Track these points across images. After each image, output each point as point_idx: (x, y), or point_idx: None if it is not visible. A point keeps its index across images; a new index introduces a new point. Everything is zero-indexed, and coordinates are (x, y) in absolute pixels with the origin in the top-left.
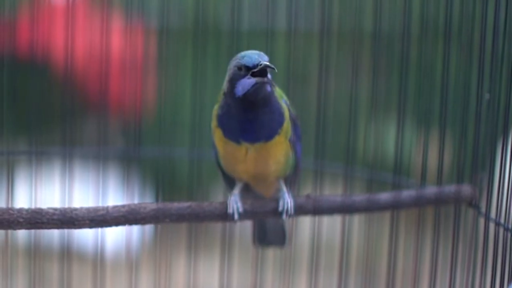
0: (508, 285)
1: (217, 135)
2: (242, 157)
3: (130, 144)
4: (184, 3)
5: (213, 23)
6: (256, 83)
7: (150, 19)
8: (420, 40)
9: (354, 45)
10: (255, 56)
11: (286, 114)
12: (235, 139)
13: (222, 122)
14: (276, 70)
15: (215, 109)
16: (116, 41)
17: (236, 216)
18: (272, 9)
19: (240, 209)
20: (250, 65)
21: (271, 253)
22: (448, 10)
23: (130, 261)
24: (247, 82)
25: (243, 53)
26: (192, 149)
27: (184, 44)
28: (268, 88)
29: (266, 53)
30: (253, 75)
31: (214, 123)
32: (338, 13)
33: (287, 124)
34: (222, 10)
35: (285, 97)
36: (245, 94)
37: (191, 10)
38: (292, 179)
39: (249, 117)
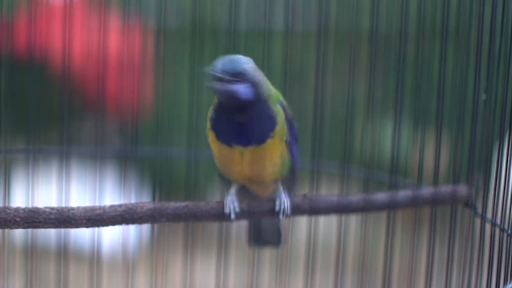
0: (504, 285)
1: (210, 138)
2: (237, 160)
3: (127, 144)
4: (182, 3)
5: (210, 23)
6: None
7: (148, 18)
8: (417, 40)
9: (351, 45)
10: (217, 62)
11: (280, 117)
12: (227, 142)
13: (214, 125)
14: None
15: (210, 111)
16: (114, 40)
17: (232, 216)
18: (269, 9)
19: (237, 209)
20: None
21: (268, 253)
22: (445, 9)
23: (127, 261)
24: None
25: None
26: (189, 148)
27: (181, 43)
28: (240, 95)
29: (264, 53)
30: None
31: (208, 125)
32: (336, 13)
33: (280, 127)
34: (219, 10)
35: (281, 98)
36: (220, 100)
37: (188, 10)
38: (290, 182)
39: (234, 121)
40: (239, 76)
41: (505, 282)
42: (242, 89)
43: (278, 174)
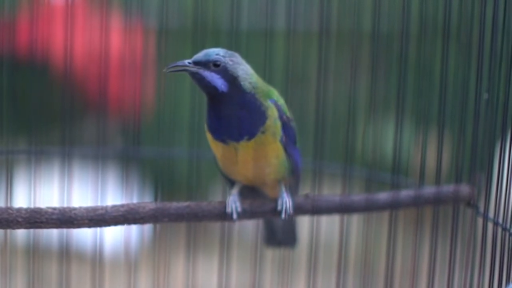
0: (506, 285)
1: (209, 138)
2: (233, 158)
3: (129, 144)
4: (184, 3)
5: (212, 23)
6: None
7: (149, 19)
8: (419, 39)
9: (353, 45)
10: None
11: (271, 113)
12: (221, 139)
13: (208, 123)
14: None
15: (205, 112)
16: (116, 41)
17: (235, 216)
18: (271, 9)
19: (239, 209)
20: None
21: (270, 253)
22: (447, 9)
23: (129, 261)
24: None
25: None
26: (191, 149)
27: (183, 44)
28: (211, 82)
29: (265, 53)
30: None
31: (205, 126)
32: (337, 13)
33: (272, 123)
34: (221, 10)
35: (276, 97)
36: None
37: (190, 10)
38: (292, 183)
39: (223, 115)
40: (206, 64)
41: (507, 282)
42: (212, 77)
43: (277, 175)
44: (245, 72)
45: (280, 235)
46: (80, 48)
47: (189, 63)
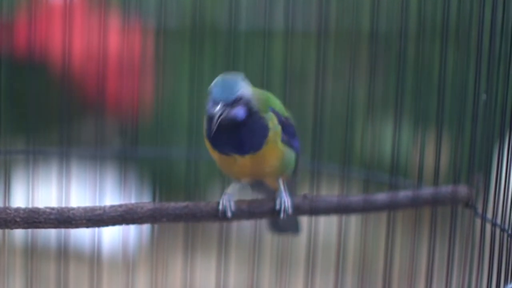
0: (504, 285)
1: (208, 145)
2: (233, 165)
3: (127, 144)
4: (182, 3)
5: (210, 23)
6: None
7: (148, 19)
8: (418, 40)
9: (352, 45)
10: (218, 95)
11: (272, 123)
12: (224, 152)
13: (209, 136)
14: (215, 126)
15: (204, 119)
16: (114, 41)
17: (229, 214)
18: (269, 9)
19: (232, 208)
20: (211, 102)
21: (268, 253)
22: (445, 9)
23: (127, 261)
24: (210, 121)
25: (217, 80)
26: (189, 149)
27: (181, 44)
28: (238, 118)
29: (264, 53)
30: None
31: (204, 133)
32: (336, 13)
33: (273, 133)
34: (219, 10)
35: (273, 104)
36: (212, 134)
37: (188, 10)
38: (292, 177)
39: (227, 137)
40: (236, 102)
41: (506, 283)
42: (239, 113)
43: (278, 172)
44: (252, 94)
45: (282, 224)
46: (79, 48)
47: (219, 109)
